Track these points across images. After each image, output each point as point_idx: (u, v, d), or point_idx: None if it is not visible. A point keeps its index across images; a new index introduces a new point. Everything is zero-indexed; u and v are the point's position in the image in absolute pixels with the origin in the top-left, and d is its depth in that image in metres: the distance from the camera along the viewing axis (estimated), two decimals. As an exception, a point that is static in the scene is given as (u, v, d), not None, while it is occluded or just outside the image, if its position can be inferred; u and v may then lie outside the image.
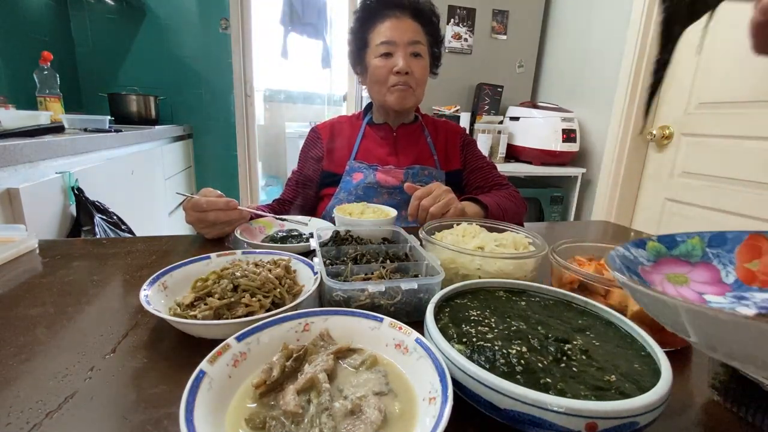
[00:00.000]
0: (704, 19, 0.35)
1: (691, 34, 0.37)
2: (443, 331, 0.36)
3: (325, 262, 0.53)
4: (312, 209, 1.07)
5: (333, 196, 1.01)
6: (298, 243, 0.72)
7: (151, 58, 2.46)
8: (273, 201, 1.05)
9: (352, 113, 1.15)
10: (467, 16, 2.18)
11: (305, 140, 1.10)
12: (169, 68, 2.49)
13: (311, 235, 0.75)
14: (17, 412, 0.32)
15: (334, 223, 0.80)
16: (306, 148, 1.08)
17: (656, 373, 0.31)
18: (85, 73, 2.38)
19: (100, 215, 1.29)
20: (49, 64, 1.65)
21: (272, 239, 0.75)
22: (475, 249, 0.55)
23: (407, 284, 0.46)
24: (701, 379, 0.40)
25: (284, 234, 0.77)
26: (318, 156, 1.06)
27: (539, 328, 0.38)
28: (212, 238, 0.75)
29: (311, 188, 1.06)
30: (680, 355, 0.45)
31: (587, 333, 0.38)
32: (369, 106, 1.11)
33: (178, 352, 0.41)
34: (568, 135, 1.98)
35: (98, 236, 1.23)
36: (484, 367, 0.32)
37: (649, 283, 0.35)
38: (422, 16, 0.98)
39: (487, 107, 2.22)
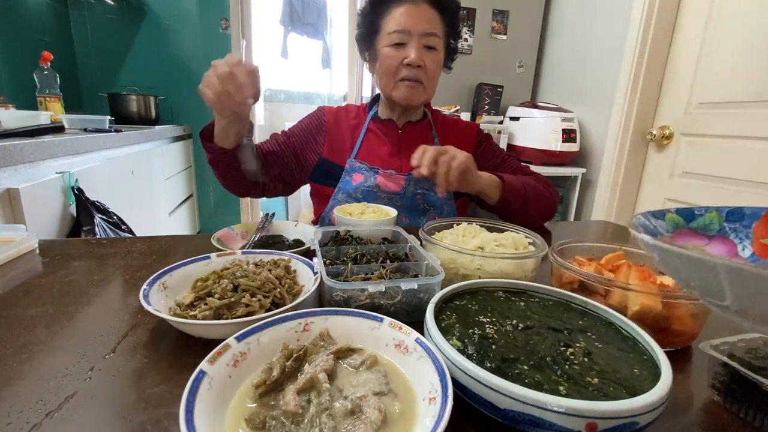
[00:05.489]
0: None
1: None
2: (443, 331, 0.36)
3: (325, 262, 0.53)
4: (288, 184, 1.01)
5: (331, 197, 0.96)
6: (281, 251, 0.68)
7: (151, 58, 2.45)
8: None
9: (359, 104, 1.07)
10: (467, 16, 2.18)
11: (308, 116, 1.02)
12: (169, 68, 2.49)
13: (296, 241, 0.72)
14: (17, 412, 0.32)
15: (333, 223, 0.79)
16: (307, 124, 1.01)
17: (656, 374, 0.31)
18: (85, 73, 2.38)
19: (100, 215, 1.29)
20: (49, 64, 1.65)
21: (253, 245, 0.69)
22: (475, 249, 0.55)
23: (407, 284, 0.46)
24: (701, 379, 0.40)
25: (265, 239, 0.72)
26: (319, 140, 0.99)
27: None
28: (206, 100, 0.73)
29: (293, 162, 0.99)
30: (680, 355, 0.45)
31: (587, 333, 0.38)
32: (375, 99, 1.04)
33: (178, 352, 0.41)
34: (568, 135, 1.98)
35: (98, 236, 1.23)
36: (484, 367, 0.32)
37: None
38: (441, 3, 0.90)
39: (487, 107, 2.22)
